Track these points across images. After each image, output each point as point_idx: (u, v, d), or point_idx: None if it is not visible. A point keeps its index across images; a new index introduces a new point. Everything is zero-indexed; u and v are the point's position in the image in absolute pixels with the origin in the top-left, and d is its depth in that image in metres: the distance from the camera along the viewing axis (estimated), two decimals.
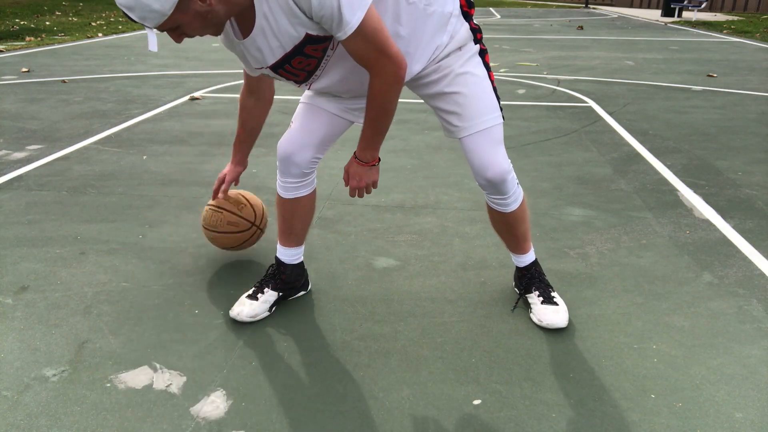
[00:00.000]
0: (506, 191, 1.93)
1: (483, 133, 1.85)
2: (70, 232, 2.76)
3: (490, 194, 1.97)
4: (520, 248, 2.13)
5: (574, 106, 5.49)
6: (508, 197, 1.96)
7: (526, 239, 2.12)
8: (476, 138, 1.85)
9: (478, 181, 1.93)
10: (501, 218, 2.04)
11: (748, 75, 7.40)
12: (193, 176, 3.53)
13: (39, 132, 4.47)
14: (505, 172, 1.89)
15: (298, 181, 1.99)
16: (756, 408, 1.68)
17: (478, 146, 1.86)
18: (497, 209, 2.01)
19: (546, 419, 1.63)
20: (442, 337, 2.00)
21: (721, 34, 13.22)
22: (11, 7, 16.90)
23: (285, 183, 2.00)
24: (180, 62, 8.07)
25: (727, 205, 3.13)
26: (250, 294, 2.11)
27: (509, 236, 2.11)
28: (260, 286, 2.12)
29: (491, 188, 1.92)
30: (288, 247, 2.12)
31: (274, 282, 2.13)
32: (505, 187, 1.92)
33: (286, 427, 1.60)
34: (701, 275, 2.41)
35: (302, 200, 2.03)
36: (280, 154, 1.95)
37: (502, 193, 1.94)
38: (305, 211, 2.06)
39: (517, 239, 2.10)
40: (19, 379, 1.77)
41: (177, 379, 1.78)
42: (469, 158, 1.89)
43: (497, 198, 1.97)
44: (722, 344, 1.96)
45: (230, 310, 2.08)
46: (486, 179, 1.89)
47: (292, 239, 2.11)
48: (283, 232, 2.10)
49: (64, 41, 10.47)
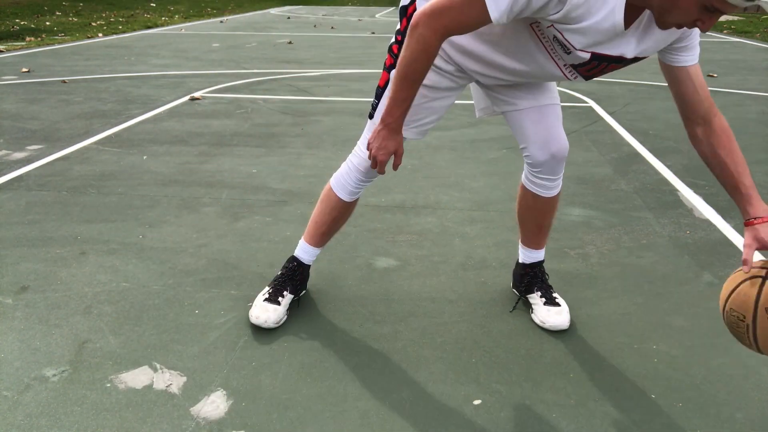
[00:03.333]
0: (560, 171, 1.93)
1: (553, 108, 1.87)
2: (70, 232, 2.76)
3: (542, 173, 1.93)
4: (540, 242, 2.12)
5: (574, 106, 5.48)
6: (557, 179, 1.95)
7: (548, 233, 2.12)
8: (547, 110, 1.85)
9: (537, 158, 1.89)
10: (538, 204, 2.01)
11: (748, 75, 7.40)
12: (193, 176, 3.53)
13: (39, 132, 4.47)
14: (568, 148, 1.90)
15: (369, 182, 1.99)
16: (756, 408, 1.68)
17: (548, 118, 1.86)
18: (539, 192, 1.98)
19: (546, 419, 1.63)
20: (442, 338, 2.00)
21: (721, 34, 13.22)
22: (11, 7, 16.90)
23: (360, 187, 1.97)
24: (180, 62, 8.07)
25: (728, 205, 3.13)
26: (270, 297, 2.06)
27: (537, 226, 2.08)
28: (279, 289, 2.08)
29: (551, 164, 1.90)
30: (318, 247, 2.12)
31: (293, 284, 2.11)
32: (562, 166, 1.92)
33: (286, 427, 1.60)
34: (701, 275, 2.41)
35: (356, 202, 2.05)
36: (368, 163, 1.89)
37: (555, 173, 1.93)
38: (351, 212, 2.08)
39: (542, 230, 2.09)
40: (19, 379, 1.77)
41: (177, 379, 1.78)
42: (534, 130, 1.86)
43: (547, 179, 1.94)
44: (722, 344, 1.96)
45: (253, 317, 2.02)
46: (552, 153, 1.87)
47: (325, 240, 2.11)
48: (323, 233, 2.08)
49: (65, 41, 10.47)
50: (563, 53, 1.59)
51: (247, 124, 4.75)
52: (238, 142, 4.26)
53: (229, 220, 2.92)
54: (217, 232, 2.78)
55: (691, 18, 1.31)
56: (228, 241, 2.69)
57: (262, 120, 4.91)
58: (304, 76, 7.11)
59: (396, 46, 1.82)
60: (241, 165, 3.74)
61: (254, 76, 7.01)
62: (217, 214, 2.98)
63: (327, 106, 5.44)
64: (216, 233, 2.77)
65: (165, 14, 17.18)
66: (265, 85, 6.46)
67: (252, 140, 4.30)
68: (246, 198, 3.20)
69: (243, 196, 3.22)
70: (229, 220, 2.91)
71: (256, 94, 5.98)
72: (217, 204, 3.12)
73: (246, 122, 4.83)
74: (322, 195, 2.05)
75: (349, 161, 1.96)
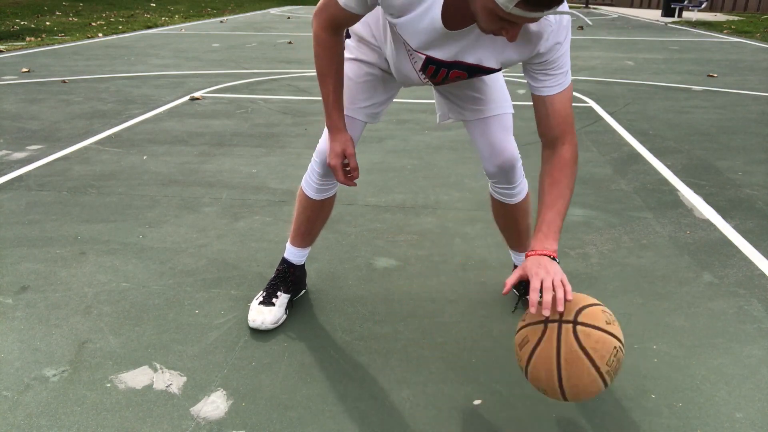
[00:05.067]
0: (515, 180, 1.94)
1: (497, 119, 1.86)
2: (70, 232, 2.76)
3: (497, 183, 1.96)
4: (522, 245, 2.13)
5: (574, 106, 5.48)
6: (516, 186, 1.96)
7: (529, 235, 2.12)
8: (490, 122, 1.86)
9: (487, 169, 1.92)
10: (506, 211, 2.03)
11: (748, 75, 7.40)
12: (193, 176, 3.53)
13: (39, 132, 4.47)
14: (516, 158, 1.90)
15: (333, 182, 1.98)
16: (756, 408, 1.68)
17: (491, 130, 1.86)
18: (503, 200, 2.01)
19: (546, 419, 1.63)
20: (442, 338, 2.00)
21: (721, 34, 13.22)
22: (11, 7, 16.90)
23: (323, 185, 1.96)
24: (180, 62, 8.07)
25: (728, 205, 3.13)
26: (264, 300, 2.07)
27: (513, 231, 2.10)
28: (272, 291, 2.09)
29: (501, 175, 1.92)
30: (302, 248, 2.13)
31: (285, 285, 2.11)
32: (514, 174, 1.92)
33: (286, 427, 1.60)
34: (701, 275, 2.41)
35: (330, 200, 2.03)
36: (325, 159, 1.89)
37: (510, 182, 1.94)
38: (328, 211, 2.07)
39: (520, 234, 2.10)
40: (19, 379, 1.77)
41: (177, 379, 1.78)
42: (480, 143, 1.88)
43: (504, 188, 1.96)
44: (722, 344, 1.96)
45: (249, 320, 2.02)
46: (497, 165, 1.89)
47: (308, 240, 2.12)
48: (303, 233, 2.09)
49: (65, 41, 10.47)
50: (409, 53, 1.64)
51: (247, 124, 4.76)
52: (238, 142, 4.26)
53: (229, 220, 2.92)
54: (217, 232, 2.78)
55: (494, 26, 1.32)
56: (228, 241, 2.69)
57: (262, 120, 4.91)
58: (304, 76, 7.11)
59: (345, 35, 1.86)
60: (241, 165, 3.74)
61: (254, 76, 7.01)
62: (217, 214, 2.98)
63: None
64: (216, 233, 2.77)
65: (165, 14, 17.18)
66: (265, 85, 6.46)
67: (252, 140, 4.30)
68: (246, 198, 3.20)
69: (243, 196, 3.22)
70: (229, 220, 2.91)
71: (256, 94, 5.98)
72: (217, 204, 3.12)
73: (246, 122, 4.83)
74: (297, 196, 2.07)
75: (312, 158, 1.98)
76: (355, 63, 1.84)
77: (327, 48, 1.67)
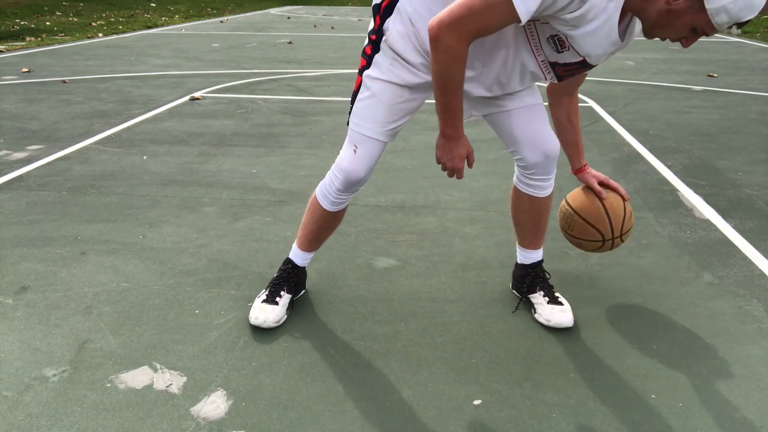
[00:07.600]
0: (553, 170, 1.95)
1: (539, 107, 1.89)
2: (70, 232, 2.76)
3: (535, 174, 1.94)
4: (537, 242, 2.13)
5: None
6: (552, 177, 1.97)
7: (545, 232, 2.13)
8: (534, 110, 1.88)
9: (529, 159, 1.90)
10: (532, 205, 2.02)
11: (748, 75, 7.39)
12: (193, 176, 3.53)
13: (39, 132, 4.47)
14: (559, 146, 1.92)
15: (350, 195, 1.98)
16: (756, 408, 1.68)
17: (536, 119, 1.88)
18: (532, 194, 1.99)
19: (546, 419, 1.63)
20: (442, 338, 2.00)
21: (722, 34, 13.21)
22: (11, 7, 16.90)
23: (340, 198, 1.96)
24: (180, 62, 8.07)
25: (728, 205, 3.13)
26: (267, 298, 2.07)
27: (533, 227, 2.09)
28: (276, 290, 2.09)
29: (544, 165, 1.91)
30: (309, 252, 2.13)
31: (288, 285, 2.12)
32: (554, 164, 1.94)
33: (286, 427, 1.60)
34: (701, 275, 2.41)
35: (344, 210, 2.04)
36: (352, 179, 1.88)
37: (549, 173, 1.94)
38: (339, 220, 2.07)
39: (539, 230, 2.10)
40: (19, 379, 1.77)
41: (177, 379, 1.78)
42: (522, 132, 1.88)
43: (541, 179, 1.95)
44: (722, 344, 1.96)
45: (251, 318, 2.03)
46: (544, 152, 1.89)
47: (316, 246, 2.12)
48: (311, 240, 2.09)
49: (65, 41, 10.47)
50: (552, 51, 1.61)
51: (247, 124, 4.76)
52: (238, 142, 4.26)
53: (229, 220, 2.92)
54: (217, 232, 2.78)
55: (679, 36, 1.44)
56: (228, 241, 2.69)
57: (262, 120, 4.91)
58: (304, 76, 7.11)
59: (369, 48, 1.80)
60: (241, 165, 3.74)
61: (254, 76, 7.01)
62: (217, 214, 2.98)
63: (327, 106, 5.44)
64: (216, 233, 2.77)
65: (165, 14, 17.18)
66: (265, 85, 6.46)
67: (252, 140, 4.30)
68: (246, 198, 3.20)
69: (243, 196, 3.23)
70: (229, 220, 2.91)
71: (256, 94, 5.98)
72: (217, 204, 3.12)
73: (246, 122, 4.83)
74: (309, 203, 2.05)
75: (331, 172, 1.94)
76: (390, 86, 1.78)
77: (462, 62, 1.54)
